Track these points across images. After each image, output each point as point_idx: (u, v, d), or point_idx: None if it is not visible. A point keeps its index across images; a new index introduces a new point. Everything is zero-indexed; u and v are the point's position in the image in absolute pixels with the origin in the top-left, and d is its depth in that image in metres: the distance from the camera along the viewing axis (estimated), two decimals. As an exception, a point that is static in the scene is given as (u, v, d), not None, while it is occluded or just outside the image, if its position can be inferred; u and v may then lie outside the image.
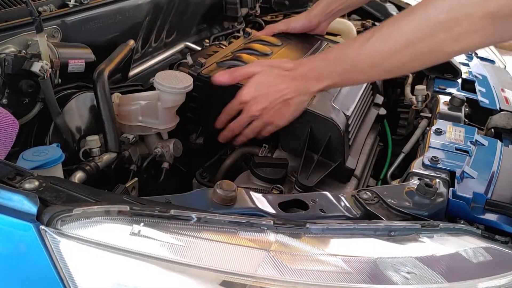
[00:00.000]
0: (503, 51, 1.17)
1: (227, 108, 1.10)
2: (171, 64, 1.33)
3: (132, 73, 1.33)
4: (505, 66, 1.90)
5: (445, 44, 0.83)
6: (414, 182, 0.91)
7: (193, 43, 1.62)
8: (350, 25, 1.75)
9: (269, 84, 1.03)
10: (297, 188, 1.04)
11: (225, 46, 1.45)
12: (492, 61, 1.80)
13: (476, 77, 1.54)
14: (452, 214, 0.88)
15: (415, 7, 0.88)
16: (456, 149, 1.05)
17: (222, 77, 1.09)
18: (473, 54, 1.77)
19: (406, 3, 2.09)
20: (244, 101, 1.06)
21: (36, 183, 0.70)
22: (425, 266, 0.68)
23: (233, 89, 1.11)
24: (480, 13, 0.76)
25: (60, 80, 1.02)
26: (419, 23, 0.84)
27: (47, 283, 0.64)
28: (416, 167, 0.98)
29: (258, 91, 1.04)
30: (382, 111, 1.42)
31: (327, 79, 1.00)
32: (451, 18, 0.79)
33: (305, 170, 1.06)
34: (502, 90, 1.49)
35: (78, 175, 0.92)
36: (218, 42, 1.54)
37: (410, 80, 1.55)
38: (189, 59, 1.30)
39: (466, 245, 0.74)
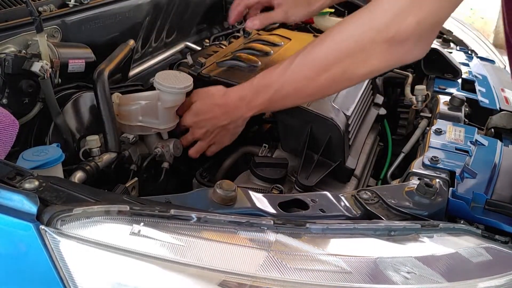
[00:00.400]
0: (503, 51, 1.16)
1: (177, 127, 1.16)
2: (171, 64, 1.33)
3: (132, 73, 1.33)
4: (505, 66, 1.90)
5: (355, 68, 0.91)
6: (414, 182, 0.91)
7: (193, 43, 1.62)
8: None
9: (205, 113, 1.11)
10: (297, 188, 1.04)
11: (225, 46, 1.45)
12: (492, 61, 1.80)
13: (476, 77, 1.54)
14: (452, 214, 0.88)
15: (326, 35, 0.95)
16: (456, 149, 1.05)
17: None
18: (473, 54, 1.77)
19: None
20: (187, 125, 1.14)
21: (36, 183, 0.70)
22: (425, 266, 0.68)
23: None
24: (380, 39, 0.84)
25: (60, 80, 1.02)
26: (331, 50, 0.92)
27: (47, 283, 0.64)
28: (416, 167, 0.98)
29: (197, 118, 1.12)
30: (382, 111, 1.42)
31: (256, 106, 1.06)
32: (356, 45, 0.87)
33: (305, 170, 1.06)
34: (502, 90, 1.49)
35: (78, 175, 0.92)
36: (218, 42, 1.54)
37: (410, 80, 1.55)
38: (189, 59, 1.30)
39: (466, 245, 0.74)
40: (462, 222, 0.85)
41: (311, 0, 1.22)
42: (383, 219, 0.79)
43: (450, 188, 0.90)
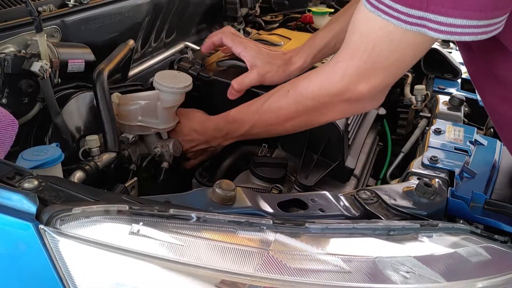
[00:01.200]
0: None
1: None
2: (171, 62, 1.33)
3: (131, 73, 1.33)
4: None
5: (316, 118, 1.00)
6: (413, 182, 0.91)
7: (193, 43, 1.62)
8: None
9: (184, 135, 1.18)
10: (296, 187, 1.04)
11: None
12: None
13: (475, 77, 1.54)
14: (451, 214, 0.88)
15: (291, 87, 1.01)
16: (456, 148, 1.05)
17: None
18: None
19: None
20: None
21: (36, 182, 0.70)
22: (424, 265, 0.68)
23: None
24: (337, 100, 0.92)
25: (59, 80, 1.02)
26: (293, 104, 0.99)
27: (46, 283, 0.64)
28: (415, 166, 0.98)
29: (178, 137, 1.18)
30: (382, 111, 1.42)
31: (232, 138, 1.14)
32: (315, 103, 0.96)
33: (304, 170, 1.06)
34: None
35: (78, 175, 0.92)
36: (217, 42, 1.54)
37: (409, 80, 1.55)
38: (189, 54, 1.30)
39: (465, 245, 0.74)
40: (461, 221, 0.85)
41: (288, 62, 1.20)
42: (382, 219, 0.80)
43: (449, 188, 0.90)
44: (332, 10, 1.81)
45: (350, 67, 0.87)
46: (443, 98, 1.34)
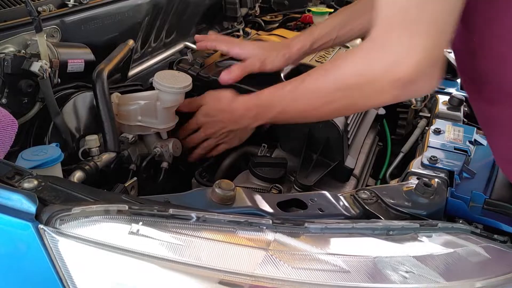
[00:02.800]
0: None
1: (185, 126, 1.18)
2: (171, 63, 1.33)
3: (131, 73, 1.33)
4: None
5: (359, 101, 0.91)
6: (413, 182, 0.91)
7: (193, 43, 1.61)
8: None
9: (212, 116, 1.13)
10: (296, 187, 1.04)
11: (225, 46, 1.45)
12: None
13: (475, 77, 1.54)
14: (450, 214, 0.88)
15: (331, 66, 0.93)
16: (455, 148, 1.05)
17: (182, 106, 1.15)
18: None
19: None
20: (199, 124, 1.16)
21: (35, 182, 0.70)
22: (424, 265, 0.68)
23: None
24: (387, 79, 0.81)
25: (59, 80, 1.02)
26: (336, 84, 0.90)
27: (46, 282, 0.64)
28: (415, 166, 0.98)
29: (206, 119, 1.14)
30: (381, 111, 1.42)
31: (262, 120, 1.08)
32: (362, 81, 0.85)
33: (304, 170, 1.06)
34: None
35: (77, 175, 0.92)
36: (217, 42, 1.54)
37: (409, 80, 1.55)
38: (189, 56, 1.30)
39: (465, 244, 0.74)
40: (460, 221, 0.85)
41: (287, 46, 1.18)
42: (381, 219, 0.80)
43: (449, 188, 0.90)
44: (332, 10, 1.81)
45: (390, 38, 0.79)
46: (442, 98, 1.34)
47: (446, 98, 1.33)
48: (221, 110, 1.12)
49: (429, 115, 1.34)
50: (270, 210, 0.79)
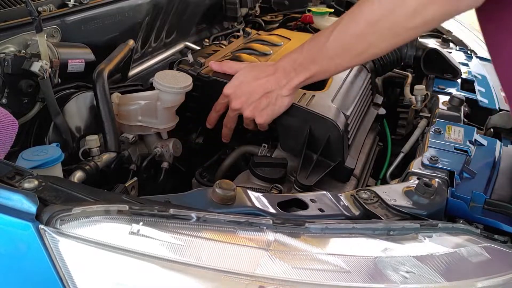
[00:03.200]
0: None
1: (215, 105, 1.15)
2: (171, 63, 1.33)
3: (131, 73, 1.33)
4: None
5: (403, 18, 0.86)
6: (413, 182, 0.91)
7: (193, 43, 1.62)
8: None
9: (250, 78, 1.07)
10: (296, 187, 1.04)
11: (225, 45, 1.45)
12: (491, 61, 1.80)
13: (475, 77, 1.54)
14: (451, 214, 0.88)
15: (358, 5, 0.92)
16: (455, 148, 1.05)
17: (213, 65, 1.17)
18: (472, 54, 1.77)
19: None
20: (226, 94, 1.11)
21: (36, 182, 0.70)
22: (424, 265, 0.68)
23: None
24: None
25: (59, 80, 1.02)
26: (377, 2, 0.88)
27: (46, 282, 0.64)
28: (415, 166, 0.98)
29: (240, 85, 1.09)
30: (382, 111, 1.42)
31: (304, 70, 1.02)
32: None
33: (304, 170, 1.06)
34: (502, 90, 1.49)
35: (78, 175, 0.92)
36: (218, 42, 1.54)
37: (409, 79, 1.55)
38: (190, 57, 1.30)
39: (465, 245, 0.75)
40: (461, 221, 0.85)
41: None
42: (382, 219, 0.79)
43: (449, 188, 0.90)
44: (332, 10, 1.81)
45: None
46: (443, 98, 1.34)
47: (447, 98, 1.33)
48: (262, 70, 1.07)
49: (429, 115, 1.34)
50: (270, 210, 0.79)
